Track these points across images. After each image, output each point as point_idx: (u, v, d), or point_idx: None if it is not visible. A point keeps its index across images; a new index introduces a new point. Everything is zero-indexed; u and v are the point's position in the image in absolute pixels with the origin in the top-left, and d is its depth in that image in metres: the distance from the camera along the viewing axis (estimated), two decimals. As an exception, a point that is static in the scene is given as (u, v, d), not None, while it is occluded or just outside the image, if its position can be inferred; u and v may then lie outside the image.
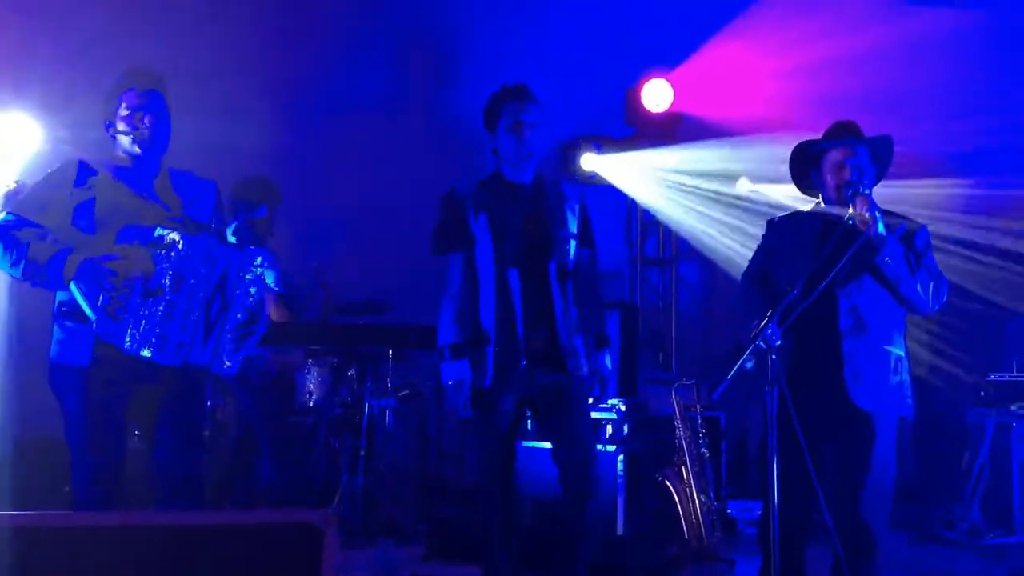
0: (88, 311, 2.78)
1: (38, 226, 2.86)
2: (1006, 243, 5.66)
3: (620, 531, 4.47)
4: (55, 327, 2.95)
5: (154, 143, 3.00)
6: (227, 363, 2.96)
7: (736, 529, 5.30)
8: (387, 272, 5.83)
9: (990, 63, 6.64)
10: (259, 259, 3.04)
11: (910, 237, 3.10)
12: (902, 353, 3.14)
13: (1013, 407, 5.42)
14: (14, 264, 2.81)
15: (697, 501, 4.69)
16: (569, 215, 3.25)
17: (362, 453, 4.99)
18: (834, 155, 3.14)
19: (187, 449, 3.01)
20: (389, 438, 5.27)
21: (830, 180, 3.15)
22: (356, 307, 5.37)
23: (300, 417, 5.18)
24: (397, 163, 6.52)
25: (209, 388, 4.73)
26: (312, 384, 5.25)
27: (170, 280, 2.80)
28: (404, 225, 6.43)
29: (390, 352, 5.16)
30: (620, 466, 4.54)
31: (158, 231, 2.82)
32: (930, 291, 3.05)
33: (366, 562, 3.81)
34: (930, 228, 3.22)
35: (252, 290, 2.99)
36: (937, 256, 3.22)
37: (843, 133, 3.18)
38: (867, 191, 3.01)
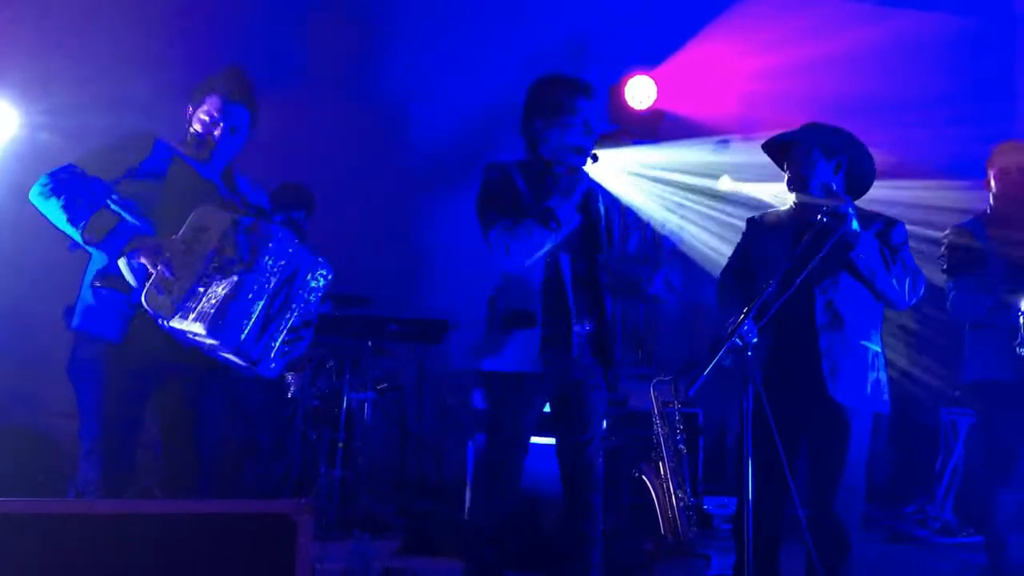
0: (132, 281, 2.64)
1: (96, 180, 2.71)
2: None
3: (597, 526, 4.49)
4: (86, 293, 2.76)
5: (218, 154, 2.92)
6: (273, 365, 2.79)
7: (712, 525, 5.33)
8: (366, 266, 5.82)
9: (969, 66, 6.71)
10: (323, 271, 2.87)
11: (887, 233, 3.13)
12: (879, 349, 3.17)
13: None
14: (72, 221, 2.62)
15: (674, 497, 4.71)
16: (602, 212, 3.24)
17: (340, 446, 4.98)
18: (789, 151, 3.20)
19: (199, 450, 2.89)
20: (367, 431, 5.26)
21: (786, 173, 3.23)
22: (337, 300, 5.35)
23: (280, 409, 5.17)
24: (380, 157, 6.50)
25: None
26: (290, 376, 5.23)
27: (247, 259, 2.63)
28: (386, 220, 6.46)
29: (370, 344, 5.15)
30: (598, 461, 4.55)
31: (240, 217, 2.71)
32: (906, 286, 3.08)
33: (341, 554, 3.79)
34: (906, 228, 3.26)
35: (311, 298, 2.84)
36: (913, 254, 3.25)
37: (804, 131, 3.23)
38: (825, 182, 3.06)
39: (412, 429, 5.90)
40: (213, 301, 2.60)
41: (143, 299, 2.61)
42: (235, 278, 2.62)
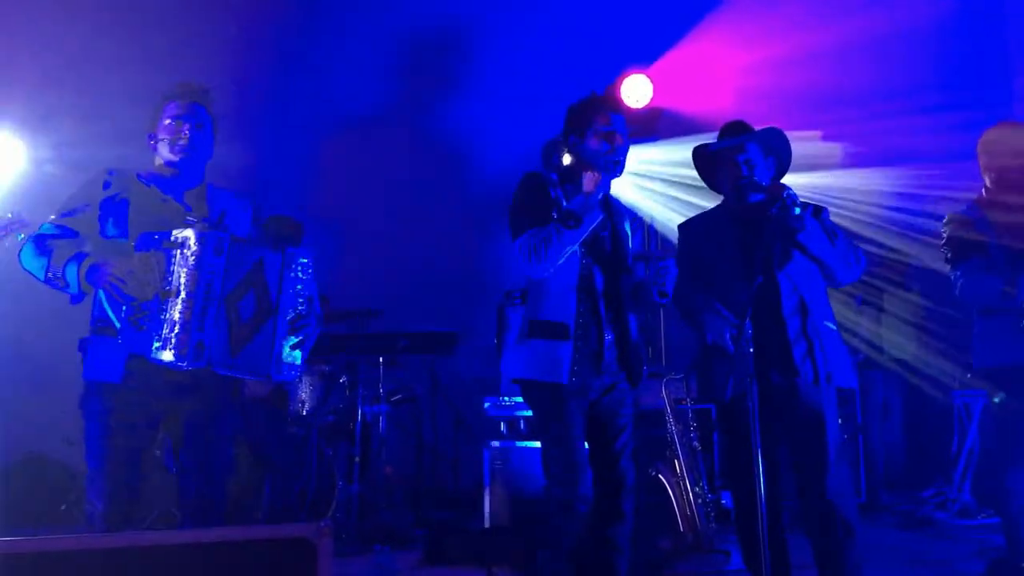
0: (114, 321, 2.74)
1: (75, 235, 2.84)
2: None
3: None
4: (87, 340, 2.87)
5: (193, 151, 2.99)
6: (283, 369, 2.86)
7: (731, 520, 5.32)
8: (375, 279, 5.88)
9: (961, 48, 6.69)
10: (304, 259, 2.92)
11: (819, 213, 3.19)
12: (836, 328, 3.26)
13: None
14: (44, 270, 2.78)
15: (691, 493, 4.72)
16: (629, 232, 3.28)
17: (356, 460, 5.01)
18: (725, 155, 3.24)
19: (212, 474, 2.94)
20: (383, 444, 5.29)
21: (726, 179, 3.27)
22: (348, 315, 5.39)
23: (293, 427, 5.20)
24: (384, 172, 6.56)
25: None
26: (304, 393, 5.27)
27: (185, 277, 2.70)
28: (392, 233, 6.50)
29: (381, 359, 5.18)
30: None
31: (173, 232, 2.75)
32: (852, 258, 3.20)
33: (363, 569, 3.83)
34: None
35: (299, 287, 2.89)
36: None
37: (731, 132, 3.28)
38: (764, 183, 3.15)
39: (427, 439, 5.93)
40: (172, 327, 2.69)
41: (119, 339, 2.72)
42: (182, 296, 2.69)
